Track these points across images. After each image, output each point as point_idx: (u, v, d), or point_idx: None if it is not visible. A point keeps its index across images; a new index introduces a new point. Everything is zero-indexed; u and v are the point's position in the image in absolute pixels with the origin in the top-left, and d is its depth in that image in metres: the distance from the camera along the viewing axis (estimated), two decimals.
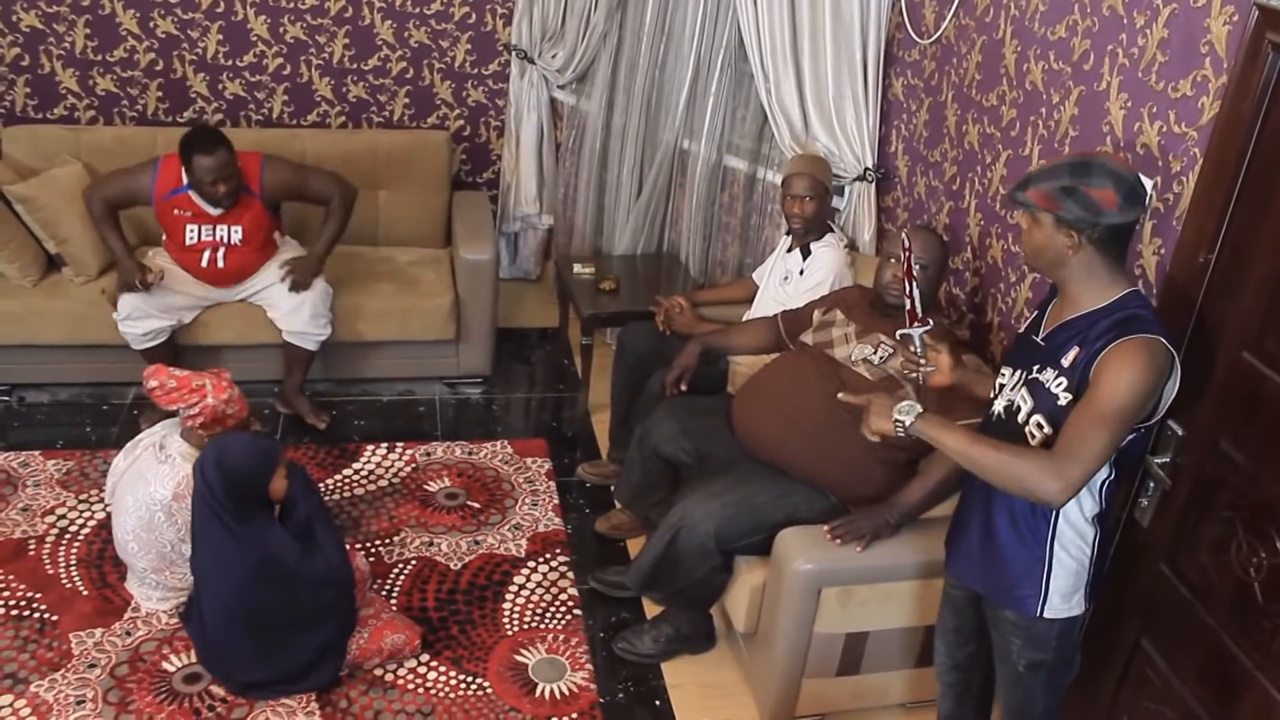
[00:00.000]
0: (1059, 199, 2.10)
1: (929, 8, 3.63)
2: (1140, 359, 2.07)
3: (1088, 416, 2.09)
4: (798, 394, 3.14)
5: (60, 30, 4.60)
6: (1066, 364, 2.17)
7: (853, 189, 3.94)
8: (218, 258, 4.11)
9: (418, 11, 4.82)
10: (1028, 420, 2.24)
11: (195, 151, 3.86)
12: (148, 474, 3.23)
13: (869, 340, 3.16)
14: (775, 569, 2.90)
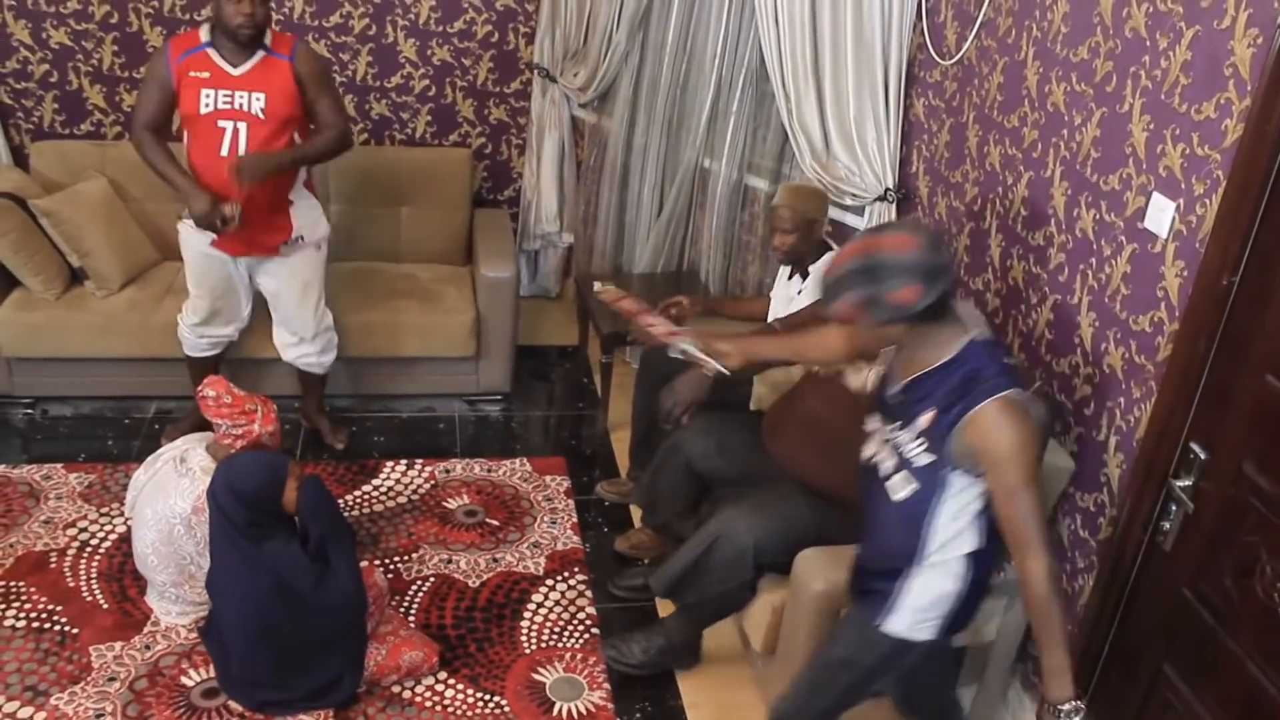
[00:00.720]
0: (867, 311, 2.16)
1: (951, 29, 3.63)
2: (1006, 423, 2.15)
3: (1008, 503, 2.19)
4: (831, 418, 3.03)
5: (89, 47, 4.65)
6: (924, 426, 2.26)
7: (873, 209, 3.94)
8: (240, 140, 3.64)
9: (441, 30, 4.85)
10: (889, 477, 2.37)
11: None
12: (168, 487, 3.25)
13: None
14: (794, 589, 2.89)
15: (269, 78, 3.65)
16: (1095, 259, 2.85)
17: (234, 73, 3.62)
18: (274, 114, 3.65)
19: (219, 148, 3.63)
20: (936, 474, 2.27)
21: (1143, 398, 2.67)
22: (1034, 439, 2.19)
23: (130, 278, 4.43)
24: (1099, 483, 2.85)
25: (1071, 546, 2.97)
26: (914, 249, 2.13)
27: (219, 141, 3.63)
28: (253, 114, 3.63)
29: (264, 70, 3.64)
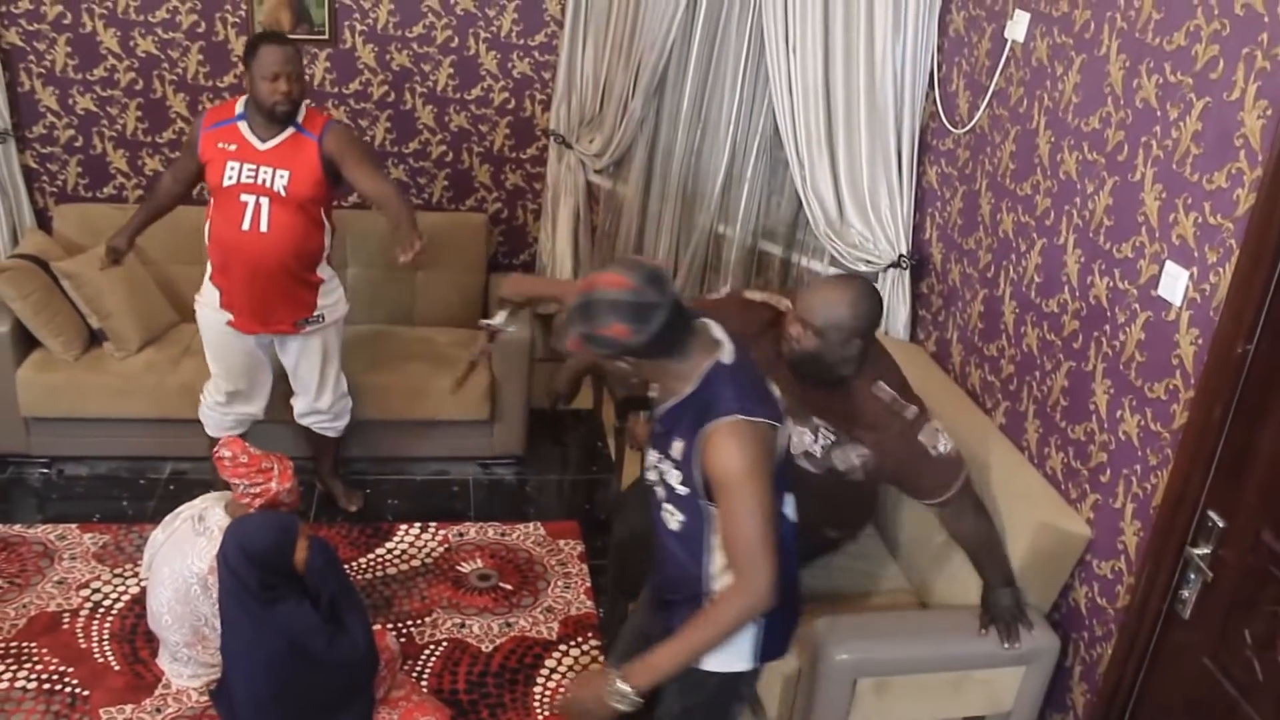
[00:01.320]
0: (588, 345, 2.20)
1: (963, 98, 3.67)
2: (730, 445, 2.17)
3: (732, 521, 2.20)
4: None
5: (113, 113, 4.73)
6: (677, 456, 2.28)
7: (886, 276, 3.96)
8: (261, 215, 3.60)
9: (459, 97, 4.92)
10: (660, 507, 2.40)
11: (264, 41, 3.56)
12: (185, 546, 3.25)
13: (806, 425, 2.88)
14: (810, 658, 2.87)
15: (295, 156, 3.61)
16: (1109, 326, 2.86)
17: (261, 147, 3.60)
18: (296, 193, 3.61)
19: (240, 221, 3.61)
20: (695, 504, 2.30)
21: (1159, 465, 2.67)
22: (760, 460, 2.19)
23: (148, 339, 4.46)
24: (1116, 550, 2.83)
25: (1089, 614, 2.95)
26: (622, 288, 2.15)
27: (240, 215, 3.61)
28: (275, 190, 3.60)
29: (292, 148, 3.61)
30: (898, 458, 2.82)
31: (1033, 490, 3.07)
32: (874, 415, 2.81)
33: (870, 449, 2.82)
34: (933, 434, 2.82)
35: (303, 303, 3.82)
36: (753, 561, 2.17)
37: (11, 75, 4.60)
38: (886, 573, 3.39)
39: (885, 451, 2.81)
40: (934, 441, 2.81)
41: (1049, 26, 3.17)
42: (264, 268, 3.67)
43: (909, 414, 2.82)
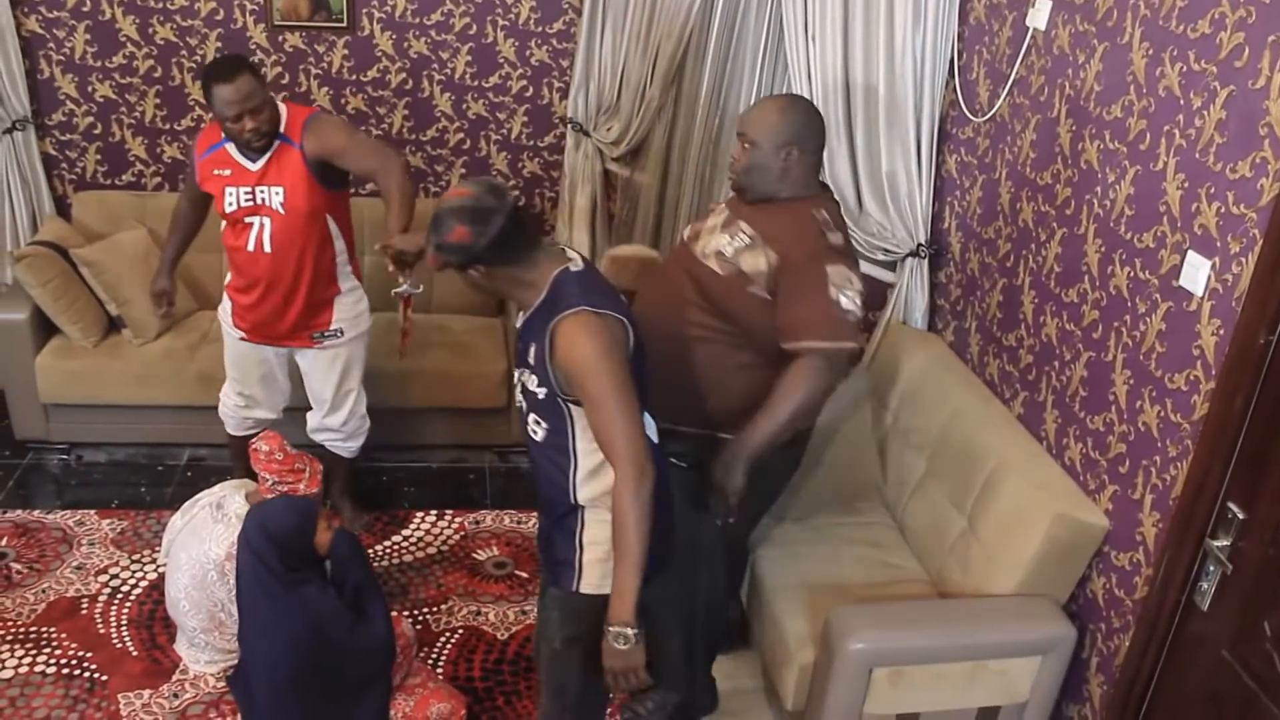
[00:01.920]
0: (440, 256, 2.37)
1: (983, 86, 3.65)
2: (580, 335, 2.28)
3: (596, 408, 2.29)
4: (655, 313, 2.90)
5: (132, 100, 4.74)
6: (533, 361, 2.38)
7: (905, 265, 3.94)
8: (265, 236, 3.49)
9: (476, 85, 4.91)
10: (526, 421, 2.49)
11: (213, 81, 3.28)
12: (202, 532, 3.27)
13: (729, 230, 2.92)
14: (826, 648, 2.87)
15: (285, 169, 3.45)
16: (1130, 317, 2.84)
17: (252, 167, 3.46)
18: (294, 207, 3.47)
19: (247, 243, 3.52)
20: (554, 405, 2.38)
21: (1179, 456, 2.65)
22: (612, 348, 2.29)
23: (167, 326, 4.47)
24: (1134, 542, 2.82)
25: (1107, 606, 2.94)
26: (463, 196, 2.34)
27: (247, 237, 3.52)
28: (274, 209, 3.47)
29: (280, 161, 3.45)
30: (796, 277, 2.75)
31: (1051, 481, 3.06)
32: (801, 228, 2.81)
33: (779, 258, 2.78)
34: (843, 278, 2.76)
35: (319, 317, 3.70)
36: (629, 441, 2.27)
37: (31, 63, 4.61)
38: (902, 562, 3.38)
39: (788, 266, 2.77)
40: (841, 285, 2.74)
41: (1071, 14, 3.15)
42: (277, 286, 3.58)
43: (834, 238, 2.83)
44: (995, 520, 3.07)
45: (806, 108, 2.93)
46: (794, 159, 2.83)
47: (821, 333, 2.73)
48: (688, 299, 2.88)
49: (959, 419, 3.38)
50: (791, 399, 2.76)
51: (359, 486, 4.38)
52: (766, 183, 2.86)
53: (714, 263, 2.86)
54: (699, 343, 2.88)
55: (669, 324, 2.89)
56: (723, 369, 2.88)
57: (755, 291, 2.79)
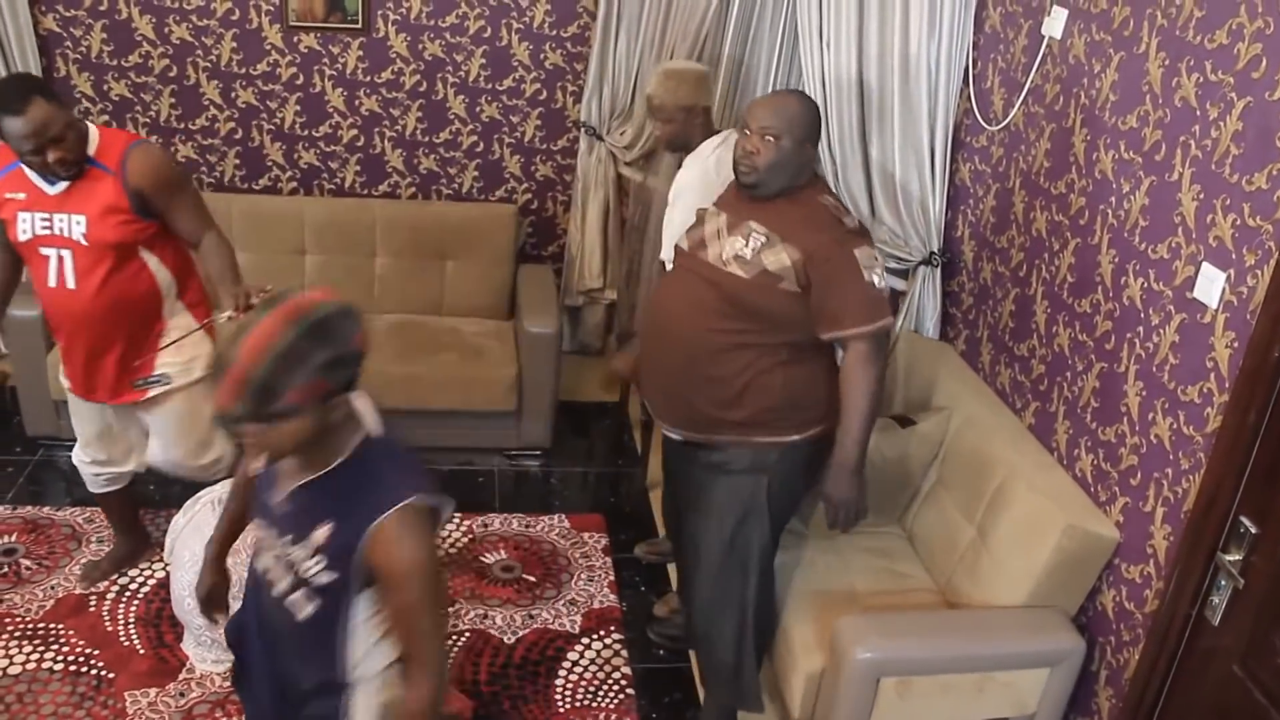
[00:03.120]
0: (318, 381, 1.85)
1: (997, 95, 3.64)
2: (407, 537, 1.89)
3: (402, 620, 1.96)
4: (676, 329, 2.93)
5: (147, 99, 4.75)
6: (321, 541, 1.95)
7: (917, 273, 3.93)
8: (66, 270, 3.06)
9: (490, 87, 4.92)
10: (286, 596, 2.04)
11: (2, 114, 2.80)
12: (205, 529, 3.27)
13: (740, 232, 2.86)
14: (834, 656, 2.86)
15: (91, 196, 3.01)
16: (1143, 328, 2.83)
17: (51, 191, 3.01)
18: (99, 238, 3.02)
19: (46, 278, 3.09)
20: (342, 594, 1.99)
21: (1191, 469, 2.63)
22: (434, 546, 1.97)
23: None
24: (1145, 554, 2.80)
25: (1116, 619, 2.92)
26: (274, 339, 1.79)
27: (45, 272, 3.08)
28: (74, 240, 3.02)
29: (86, 187, 3.00)
30: (828, 267, 2.75)
31: (1062, 492, 3.04)
32: (815, 218, 2.81)
33: (803, 252, 2.76)
34: (870, 258, 2.79)
35: (141, 361, 3.26)
36: (436, 655, 2.00)
37: (48, 61, 4.62)
38: (911, 571, 3.37)
39: (817, 257, 2.75)
40: (870, 265, 2.77)
41: (1087, 23, 3.14)
42: (86, 328, 3.15)
43: (849, 221, 2.85)
44: (1005, 530, 3.06)
45: (811, 99, 3.00)
46: (809, 153, 2.87)
47: (865, 317, 2.75)
48: (713, 308, 2.84)
49: (970, 428, 3.37)
50: (863, 390, 2.79)
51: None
52: (785, 178, 2.83)
53: (736, 267, 2.81)
54: (733, 351, 2.85)
55: (697, 339, 2.87)
56: (760, 370, 2.85)
57: (786, 287, 2.77)
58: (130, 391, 3.28)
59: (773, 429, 2.91)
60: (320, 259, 4.78)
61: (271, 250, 4.73)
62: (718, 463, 2.98)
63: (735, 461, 2.95)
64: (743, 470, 2.96)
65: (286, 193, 5.00)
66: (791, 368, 2.87)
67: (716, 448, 2.97)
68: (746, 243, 2.81)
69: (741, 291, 2.80)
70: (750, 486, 2.97)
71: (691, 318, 2.88)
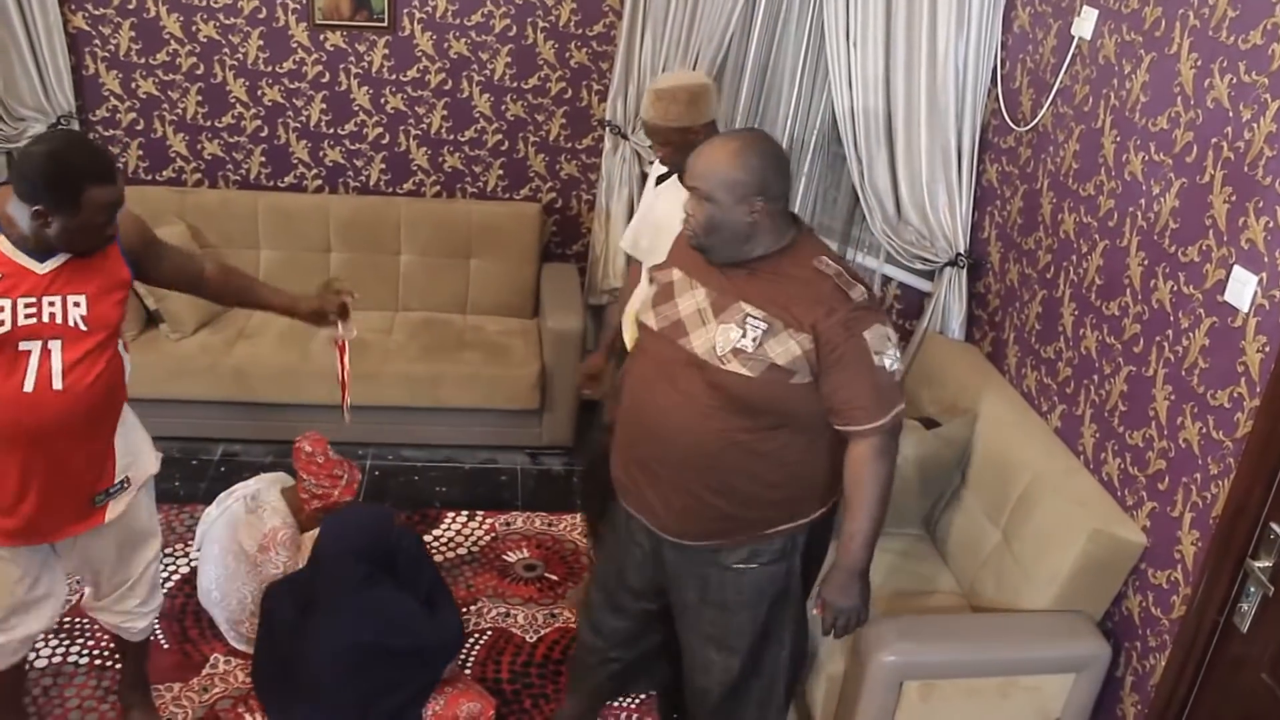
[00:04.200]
0: None
1: (1026, 95, 3.62)
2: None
3: None
4: (675, 433, 2.53)
5: (174, 97, 4.77)
6: None
7: (943, 274, 3.91)
8: (50, 369, 2.43)
9: (515, 86, 4.92)
10: None
11: (91, 181, 2.32)
12: (236, 524, 3.30)
13: (732, 318, 2.44)
14: (856, 659, 2.84)
15: (90, 270, 2.47)
16: (1172, 331, 2.80)
17: (40, 269, 2.41)
18: (99, 320, 2.48)
19: (20, 382, 2.41)
20: None
21: (1220, 474, 2.61)
22: None
23: (203, 322, 4.51)
24: (1173, 560, 2.78)
25: (1143, 624, 2.90)
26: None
27: (21, 373, 2.41)
28: (70, 326, 2.44)
29: (84, 259, 2.47)
30: (834, 356, 2.39)
31: (1088, 496, 3.02)
32: (817, 292, 2.41)
33: (813, 337, 2.39)
34: (881, 339, 2.42)
35: (101, 470, 2.65)
36: None
37: (77, 59, 4.65)
38: (936, 575, 3.35)
39: (823, 340, 2.38)
40: (881, 349, 2.41)
41: (1117, 23, 3.11)
42: (61, 438, 2.49)
43: (856, 294, 2.42)
44: (1030, 534, 3.03)
45: (763, 145, 2.46)
46: (761, 210, 2.40)
47: (877, 411, 2.43)
48: (718, 408, 2.46)
49: (995, 431, 3.35)
50: (874, 488, 2.48)
51: (393, 485, 4.40)
52: (733, 243, 2.44)
53: (739, 365, 2.41)
54: (745, 451, 2.50)
55: (706, 444, 2.50)
56: (784, 461, 2.54)
57: (799, 381, 2.42)
58: (92, 514, 2.66)
59: (805, 511, 2.64)
60: (345, 257, 4.79)
61: (296, 248, 4.76)
62: (743, 559, 2.65)
63: (764, 553, 2.65)
64: (772, 560, 2.67)
65: (312, 190, 5.01)
66: (815, 448, 2.56)
67: (735, 546, 2.64)
68: (744, 333, 2.41)
69: (750, 393, 2.43)
70: (782, 572, 2.69)
71: (691, 419, 2.50)
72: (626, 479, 2.72)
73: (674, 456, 2.54)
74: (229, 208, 4.73)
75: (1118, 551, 2.88)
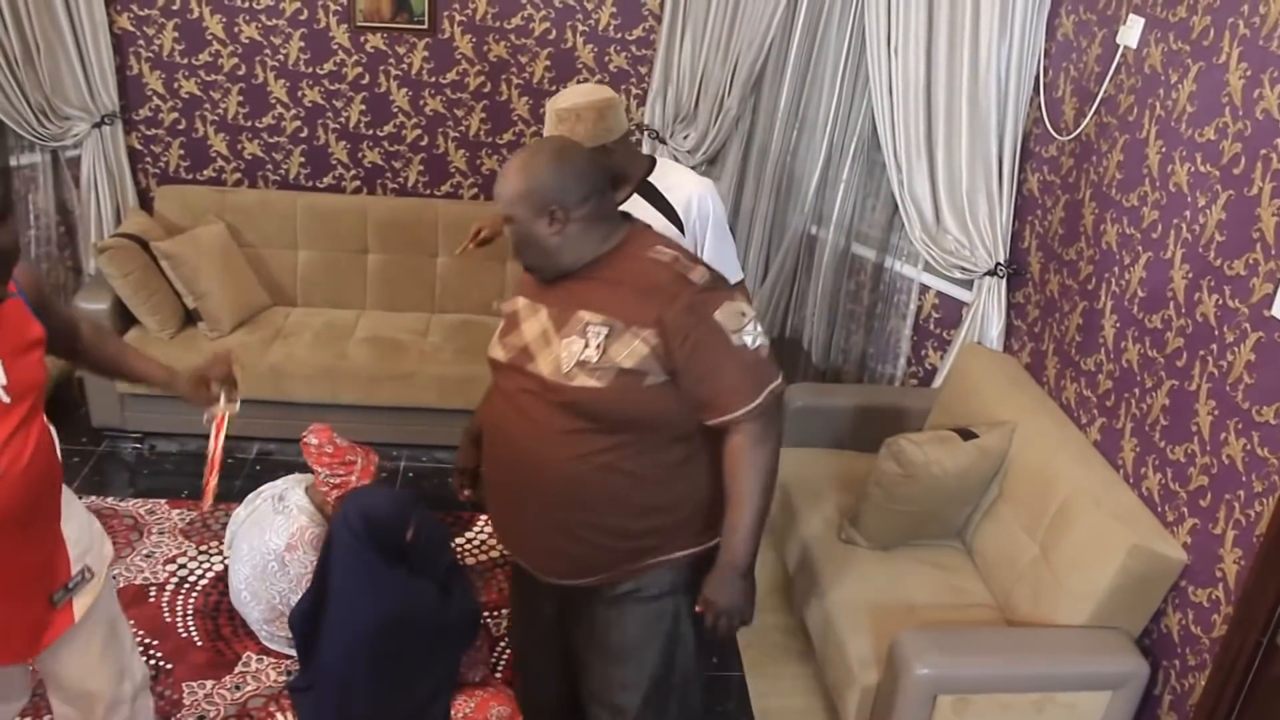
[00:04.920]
0: None
1: (1069, 104, 3.58)
2: None
3: None
4: (533, 467, 2.34)
5: (216, 97, 4.81)
6: None
7: (982, 284, 3.88)
8: None
9: (554, 90, 4.92)
10: None
11: None
12: (264, 524, 3.31)
13: (573, 329, 2.27)
14: (891, 672, 2.82)
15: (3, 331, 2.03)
16: (1216, 345, 2.76)
17: None
18: (21, 385, 2.05)
19: None
20: None
21: (1265, 492, 2.56)
22: None
23: (241, 320, 4.53)
24: (1214, 578, 2.73)
25: (1182, 642, 2.85)
26: None
27: None
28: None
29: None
30: (688, 345, 2.19)
31: (1128, 511, 2.98)
32: (653, 281, 2.24)
33: (657, 330, 2.20)
34: (735, 315, 2.23)
35: (53, 567, 2.22)
36: None
37: (121, 59, 4.70)
38: (970, 586, 3.32)
39: (670, 331, 2.19)
40: (737, 325, 2.22)
41: (1164, 32, 3.07)
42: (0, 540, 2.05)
43: (696, 276, 2.24)
44: (1068, 548, 3.00)
45: (552, 151, 2.28)
46: (564, 218, 2.24)
47: (747, 393, 2.23)
48: (572, 430, 2.27)
49: (1033, 443, 3.31)
50: (755, 477, 2.28)
51: (426, 487, 4.41)
52: (550, 257, 2.28)
53: (586, 377, 2.22)
54: (615, 473, 2.30)
55: (564, 473, 2.30)
56: (655, 482, 2.34)
57: (653, 382, 2.23)
58: (57, 616, 2.24)
59: (688, 539, 2.42)
60: (382, 258, 4.81)
61: (334, 249, 4.78)
62: (626, 592, 2.44)
63: (649, 586, 2.43)
64: (658, 595, 2.45)
65: (350, 191, 5.03)
66: (692, 464, 2.37)
67: (626, 577, 2.43)
68: (587, 343, 2.23)
69: (602, 404, 2.23)
70: (670, 609, 2.48)
71: (547, 448, 2.30)
72: (499, 521, 2.57)
73: (535, 491, 2.35)
74: (268, 208, 4.76)
75: (1157, 568, 2.84)
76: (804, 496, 3.68)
